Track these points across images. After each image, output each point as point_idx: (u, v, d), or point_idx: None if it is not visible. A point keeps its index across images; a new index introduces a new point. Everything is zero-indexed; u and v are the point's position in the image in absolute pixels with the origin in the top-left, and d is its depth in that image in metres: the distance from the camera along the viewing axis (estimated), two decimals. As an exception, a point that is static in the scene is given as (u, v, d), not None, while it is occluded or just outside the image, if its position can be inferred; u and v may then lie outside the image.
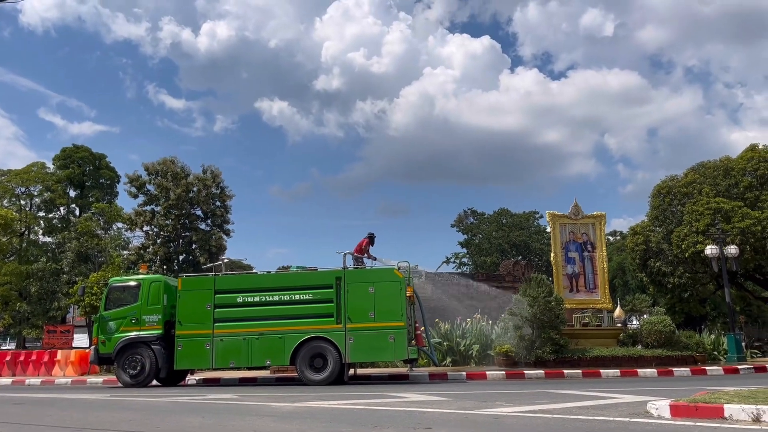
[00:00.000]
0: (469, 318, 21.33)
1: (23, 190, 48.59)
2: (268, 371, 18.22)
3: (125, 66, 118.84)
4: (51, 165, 49.50)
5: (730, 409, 6.88)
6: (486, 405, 8.90)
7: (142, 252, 37.43)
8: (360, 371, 17.93)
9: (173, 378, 16.50)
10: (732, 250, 21.87)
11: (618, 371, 16.52)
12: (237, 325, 15.17)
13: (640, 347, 18.63)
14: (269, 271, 16.88)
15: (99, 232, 42.51)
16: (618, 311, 20.79)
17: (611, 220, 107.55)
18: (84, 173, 49.29)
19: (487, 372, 16.65)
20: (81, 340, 36.48)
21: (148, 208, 38.21)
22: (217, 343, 15.09)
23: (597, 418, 7.31)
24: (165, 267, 36.12)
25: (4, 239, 35.29)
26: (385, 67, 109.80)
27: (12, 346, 48.84)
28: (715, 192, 27.45)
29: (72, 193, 49.72)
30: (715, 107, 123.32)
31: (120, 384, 15.58)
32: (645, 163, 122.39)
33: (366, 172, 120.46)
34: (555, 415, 7.60)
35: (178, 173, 37.89)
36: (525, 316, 17.57)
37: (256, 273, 17.96)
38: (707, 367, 17.30)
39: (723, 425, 6.54)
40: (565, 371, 16.45)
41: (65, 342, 26.91)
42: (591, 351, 17.93)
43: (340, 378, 14.67)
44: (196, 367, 16.36)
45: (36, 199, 49.20)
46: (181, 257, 38.26)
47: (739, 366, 17.84)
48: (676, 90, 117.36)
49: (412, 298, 15.83)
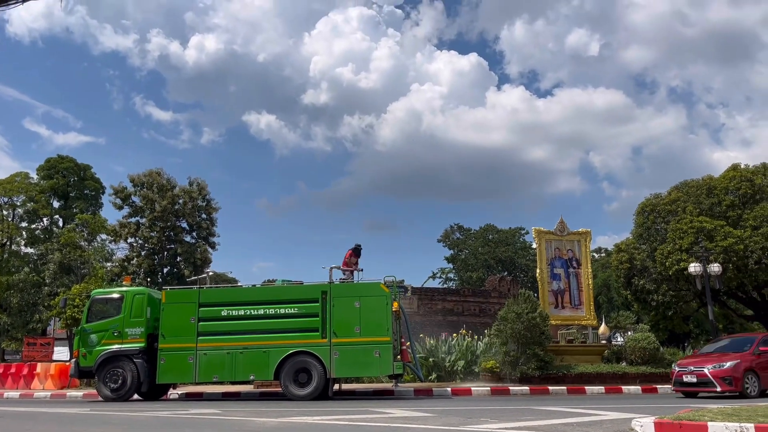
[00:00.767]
0: (455, 333, 21.29)
1: (6, 200, 47.95)
2: (251, 386, 18.03)
3: (112, 77, 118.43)
4: (35, 175, 49.01)
5: (713, 427, 6.91)
6: (471, 421, 8.86)
7: (126, 264, 37.02)
8: (345, 386, 17.79)
9: (155, 392, 16.26)
10: (715, 268, 22.07)
11: (602, 388, 16.56)
12: (221, 339, 15.01)
13: (624, 364, 18.68)
14: (254, 285, 16.76)
15: (82, 243, 42.03)
16: (603, 328, 20.86)
17: (596, 237, 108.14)
18: (68, 184, 48.82)
19: (473, 388, 16.60)
20: (61, 353, 35.88)
21: (132, 219, 37.85)
22: (201, 357, 14.92)
23: (582, 435, 7.30)
24: (149, 279, 35.74)
25: (-15, 250, 34.73)
26: (373, 83, 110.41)
27: (-10, 358, 47.94)
28: (699, 210, 27.74)
29: (56, 204, 49.19)
30: (698, 127, 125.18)
31: (101, 398, 15.33)
32: (629, 181, 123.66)
33: (353, 186, 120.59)
34: (540, 432, 7.58)
35: (164, 185, 37.63)
36: (510, 332, 17.57)
37: (241, 286, 17.80)
38: (691, 385, 17.35)
39: (707, 443, 6.56)
40: (550, 388, 16.45)
41: (45, 355, 26.44)
42: (576, 367, 17.96)
43: (324, 393, 14.55)
44: (178, 381, 16.14)
45: (19, 210, 48.58)
46: (166, 270, 37.89)
47: (722, 384, 17.92)
48: (660, 109, 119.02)
49: (398, 312, 15.78)
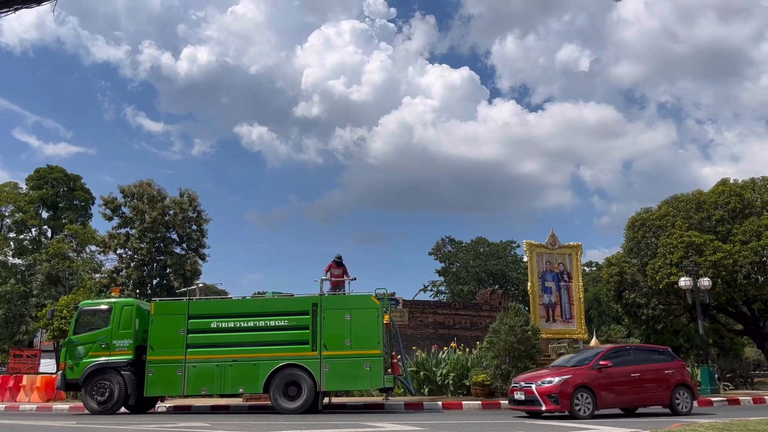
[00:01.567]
0: (446, 346, 21.21)
1: (-6, 210, 47.59)
2: (240, 399, 17.85)
3: (104, 88, 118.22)
4: (24, 185, 48.64)
5: (705, 442, 6.89)
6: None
7: (115, 275, 36.72)
8: (335, 400, 17.65)
9: (143, 405, 16.05)
10: (705, 282, 22.17)
11: (594, 402, 16.47)
12: (210, 351, 14.85)
13: (615, 378, 18.62)
14: (245, 297, 16.63)
15: (71, 254, 41.68)
16: (594, 342, 20.85)
17: (587, 251, 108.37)
18: (57, 194, 48.45)
19: (463, 402, 16.50)
20: (48, 365, 35.43)
21: (122, 230, 37.60)
22: (190, 369, 14.75)
23: (574, 449, 7.25)
24: (138, 291, 35.46)
25: (-28, 260, 34.39)
26: (365, 96, 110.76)
27: (-25, 370, 47.28)
28: (688, 225, 27.91)
29: (44, 215, 48.79)
30: (687, 142, 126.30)
31: (87, 411, 15.11)
32: (620, 196, 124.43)
33: (344, 199, 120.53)
34: (532, 447, 7.53)
35: (154, 196, 37.44)
36: (502, 345, 17.51)
37: (231, 298, 17.67)
38: (681, 399, 17.33)
39: (698, 458, 6.53)
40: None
41: (31, 367, 26.09)
42: (567, 381, 17.87)
43: (314, 407, 14.41)
44: (166, 394, 15.94)
45: (7, 220, 48.17)
46: (155, 281, 37.63)
47: (713, 398, 17.92)
48: (650, 124, 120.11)
49: (389, 325, 15.69)
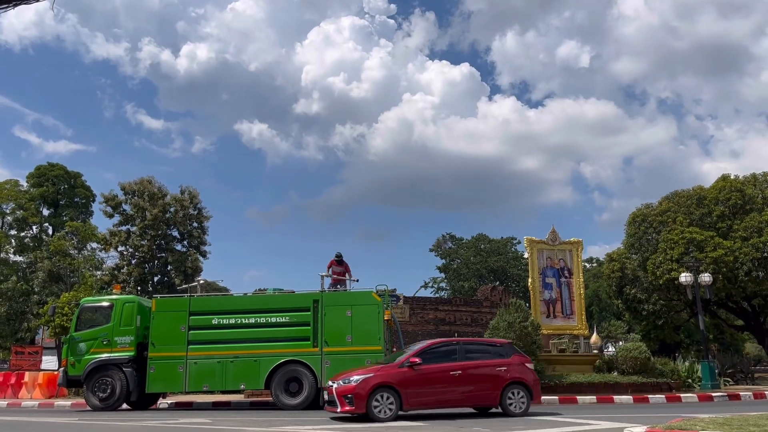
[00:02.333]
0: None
1: (-5, 207, 47.62)
2: (242, 395, 17.89)
3: (104, 86, 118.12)
4: (24, 183, 48.65)
5: (705, 436, 6.91)
6: (463, 431, 8.81)
7: (116, 272, 36.75)
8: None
9: (145, 401, 16.10)
10: (706, 278, 22.17)
11: (594, 397, 16.54)
12: (212, 348, 14.90)
13: (616, 374, 18.67)
14: (246, 293, 16.67)
15: (72, 251, 41.73)
16: (594, 337, 20.87)
17: (587, 247, 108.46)
18: (58, 192, 48.48)
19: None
20: (50, 362, 35.54)
21: (123, 228, 37.62)
22: (191, 366, 14.80)
23: (574, 444, 7.27)
24: (139, 288, 35.50)
25: (-27, 257, 34.46)
26: (365, 93, 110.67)
27: (-23, 367, 47.40)
28: (689, 221, 27.89)
29: (45, 212, 48.82)
30: (688, 138, 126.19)
31: (89, 407, 15.15)
32: (620, 192, 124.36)
33: (345, 195, 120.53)
34: (532, 441, 7.55)
35: (155, 193, 37.45)
36: (502, 341, 17.52)
37: (232, 295, 17.69)
38: (682, 394, 17.39)
39: (699, 452, 6.55)
40: (542, 397, 16.37)
41: (33, 364, 26.17)
42: (567, 377, 17.93)
43: (315, 403, 14.43)
44: (168, 391, 15.99)
45: (8, 217, 48.18)
46: (156, 278, 37.66)
47: (713, 393, 17.97)
48: (650, 120, 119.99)
49: (390, 322, 15.72)
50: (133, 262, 36.95)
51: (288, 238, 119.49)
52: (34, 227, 48.44)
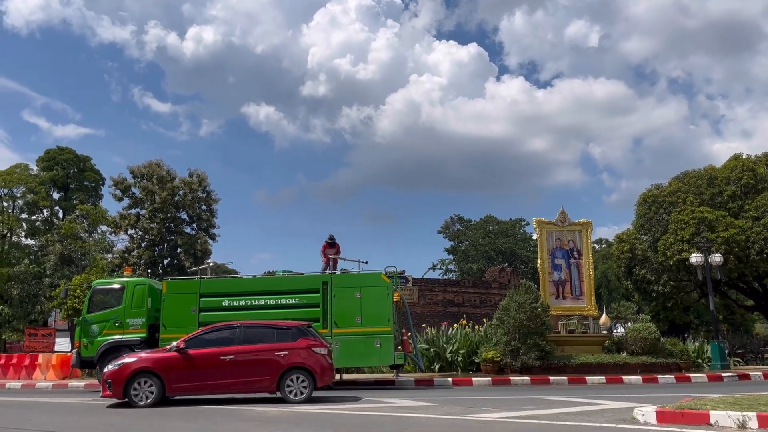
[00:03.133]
0: (455, 324, 21.30)
1: (5, 191, 47.91)
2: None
3: (111, 69, 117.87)
4: (35, 167, 48.93)
5: (715, 416, 6.90)
6: (472, 411, 8.85)
7: (126, 255, 37.02)
8: (346, 376, 17.80)
9: None
10: (716, 258, 22.03)
11: (603, 378, 16.56)
12: None
13: (625, 354, 18.66)
14: (255, 275, 16.74)
15: (83, 234, 42.04)
16: (604, 318, 20.85)
17: (596, 228, 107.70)
18: (68, 175, 48.75)
19: (473, 378, 16.60)
20: (63, 343, 35.96)
21: (133, 211, 37.82)
22: None
23: (584, 423, 7.29)
24: (150, 271, 35.76)
25: (-15, 241, 34.79)
26: (372, 74, 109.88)
27: (-8, 349, 48.10)
28: (700, 201, 27.69)
29: (56, 196, 49.14)
30: (698, 118, 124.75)
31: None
32: (629, 173, 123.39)
33: (352, 178, 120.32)
34: (542, 421, 7.57)
35: (163, 176, 37.57)
36: (512, 322, 17.56)
37: (242, 277, 17.79)
38: (691, 375, 17.37)
39: (709, 431, 6.55)
40: (551, 378, 16.46)
41: (47, 345, 26.49)
42: (577, 358, 17.95)
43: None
44: None
45: (19, 201, 48.53)
46: (166, 261, 37.91)
47: (723, 373, 17.94)
48: (660, 100, 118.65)
49: (399, 303, 15.76)
50: (143, 245, 37.19)
51: (296, 220, 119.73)
52: (44, 211, 48.80)
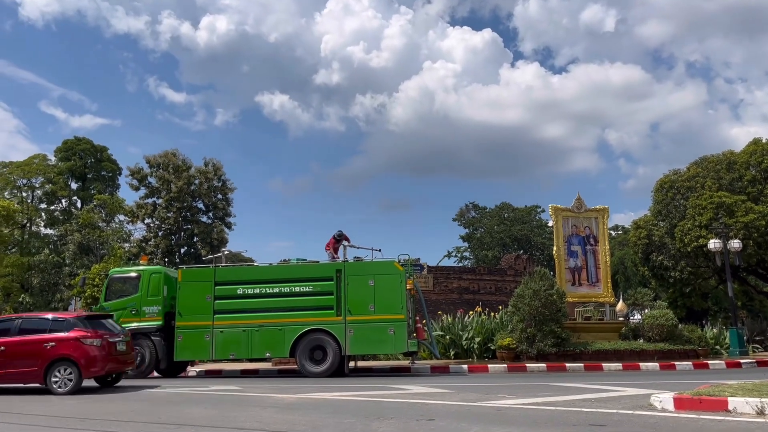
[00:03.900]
0: (471, 311, 21.32)
1: (25, 182, 48.55)
2: (270, 363, 18.23)
3: (126, 59, 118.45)
4: (52, 157, 49.47)
5: (734, 402, 6.86)
6: (488, 397, 8.88)
7: (143, 244, 37.42)
8: (361, 364, 17.93)
9: (173, 369, 16.50)
10: (735, 244, 21.80)
11: (620, 365, 16.51)
12: (237, 317, 15.15)
13: (642, 341, 18.58)
14: (270, 263, 16.85)
15: (101, 224, 42.52)
16: (620, 305, 20.75)
17: (612, 215, 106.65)
18: (86, 165, 49.24)
19: (489, 365, 16.64)
20: (83, 332, 36.49)
21: (149, 200, 38.18)
22: (217, 335, 15.09)
23: (600, 410, 7.28)
24: (166, 259, 36.11)
25: (5, 231, 35.34)
26: (385, 61, 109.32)
27: (14, 337, 48.90)
28: (718, 186, 27.35)
29: (74, 185, 49.69)
30: (717, 102, 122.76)
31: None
32: (646, 158, 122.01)
33: (367, 166, 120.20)
34: (558, 407, 7.58)
35: (179, 166, 37.83)
36: (527, 309, 17.54)
37: (256, 265, 17.92)
38: (709, 361, 17.25)
39: (727, 418, 6.52)
40: (567, 365, 16.45)
41: (67, 334, 26.86)
42: (593, 345, 17.90)
43: (339, 370, 14.67)
44: (196, 359, 16.36)
45: (38, 191, 49.15)
46: (183, 250, 38.26)
47: (742, 360, 17.80)
48: (678, 85, 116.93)
49: (412, 291, 15.79)
50: (160, 233, 37.55)
51: (311, 208, 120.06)
52: (63, 201, 49.38)
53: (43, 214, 49.22)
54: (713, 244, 21.93)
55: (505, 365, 16.57)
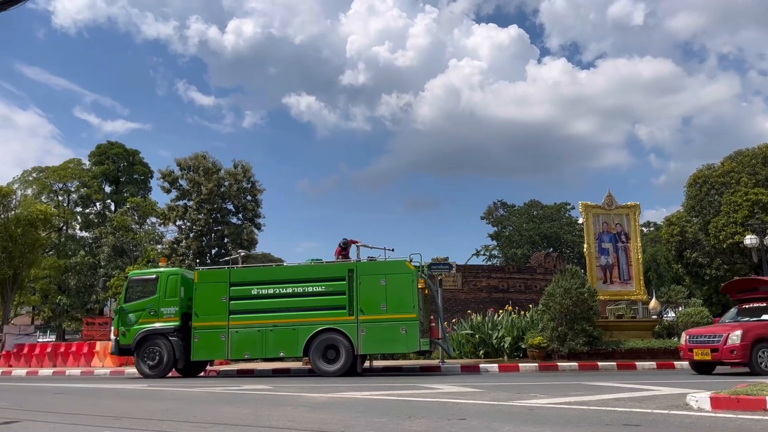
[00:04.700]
0: (501, 310, 21.19)
1: (61, 186, 49.77)
2: (301, 363, 18.37)
3: (156, 64, 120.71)
4: (87, 161, 50.57)
5: (773, 402, 6.71)
6: (520, 396, 8.82)
7: (175, 246, 38.02)
8: (391, 363, 17.97)
9: (192, 369, 16.77)
10: (772, 240, 21.28)
11: (654, 363, 16.24)
12: (251, 317, 15.32)
13: (676, 339, 18.26)
14: (299, 263, 16.96)
15: (134, 226, 43.32)
16: (653, 303, 20.41)
17: (643, 211, 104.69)
18: (118, 169, 50.24)
19: (520, 364, 16.53)
20: (118, 332, 37.21)
21: (180, 202, 38.78)
22: (233, 335, 15.28)
23: (635, 409, 7.18)
24: (198, 261, 36.65)
25: (43, 234, 36.27)
26: (410, 60, 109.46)
27: (52, 338, 50.21)
28: (754, 181, 26.72)
29: (107, 189, 50.75)
30: (751, 95, 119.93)
31: (140, 375, 15.83)
32: (678, 153, 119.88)
33: (394, 165, 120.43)
34: (591, 407, 7.49)
35: (209, 168, 38.35)
36: (558, 307, 17.37)
37: (270, 265, 18.11)
38: (747, 360, 16.85)
39: (765, 417, 6.37)
40: (600, 363, 16.24)
41: (103, 333, 27.49)
42: (625, 343, 17.64)
43: (352, 369, 14.74)
44: (212, 358, 16.53)
45: (73, 195, 50.35)
46: (214, 251, 38.77)
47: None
48: (711, 77, 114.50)
49: (426, 290, 15.78)
50: (191, 235, 38.11)
51: (339, 208, 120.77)
52: (97, 204, 50.50)
53: (79, 217, 50.40)
54: (750, 240, 21.45)
55: (536, 364, 16.43)
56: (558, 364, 16.36)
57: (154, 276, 16.52)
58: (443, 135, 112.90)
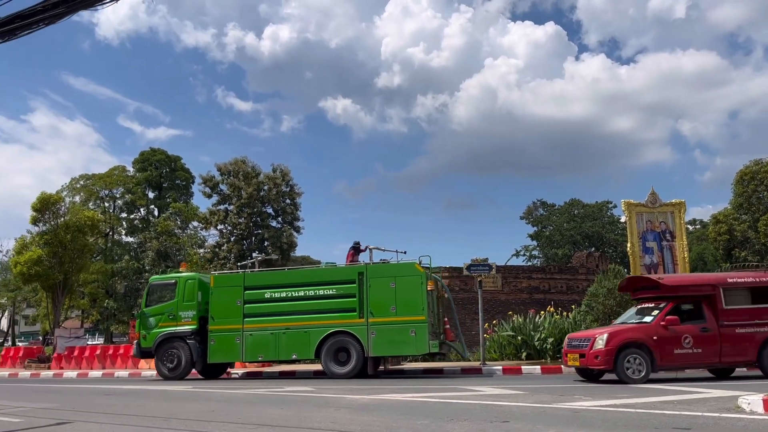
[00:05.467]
0: (542, 311, 20.89)
1: (107, 192, 51.29)
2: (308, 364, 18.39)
3: (195, 72, 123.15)
4: (131, 168, 51.95)
5: (831, 405, 6.46)
6: (564, 399, 8.70)
7: (217, 250, 38.69)
8: (432, 365, 17.91)
9: (213, 371, 16.98)
10: (827, 236, 20.49)
11: (703, 365, 15.77)
12: (265, 320, 15.51)
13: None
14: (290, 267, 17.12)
15: (177, 231, 44.27)
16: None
17: (689, 208, 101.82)
18: (161, 175, 51.44)
19: (563, 366, 16.26)
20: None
21: (221, 207, 39.45)
22: (247, 338, 15.49)
23: (683, 413, 7.01)
24: (239, 264, 37.22)
25: (91, 240, 37.39)
26: (445, 61, 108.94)
27: (101, 340, 51.67)
28: (806, 176, 25.79)
29: (150, 195, 52.00)
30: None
31: (160, 377, 16.19)
32: (724, 149, 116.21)
33: (430, 166, 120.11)
34: (638, 410, 7.34)
35: (249, 173, 38.92)
36: (602, 308, 17.05)
37: (283, 269, 18.28)
38: (801, 362, 16.23)
39: (824, 422, 6.14)
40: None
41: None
42: (672, 344, 17.18)
43: (363, 371, 14.74)
44: (227, 361, 16.66)
45: (118, 201, 51.80)
46: (254, 254, 39.30)
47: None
48: (758, 69, 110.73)
49: (437, 292, 15.68)
50: (232, 239, 38.74)
51: (376, 210, 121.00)
52: (141, 209, 51.80)
53: (124, 222, 51.84)
54: (802, 237, 20.68)
55: (580, 366, 16.12)
56: (602, 365, 16.02)
57: (173, 281, 16.90)
58: (480, 135, 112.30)
